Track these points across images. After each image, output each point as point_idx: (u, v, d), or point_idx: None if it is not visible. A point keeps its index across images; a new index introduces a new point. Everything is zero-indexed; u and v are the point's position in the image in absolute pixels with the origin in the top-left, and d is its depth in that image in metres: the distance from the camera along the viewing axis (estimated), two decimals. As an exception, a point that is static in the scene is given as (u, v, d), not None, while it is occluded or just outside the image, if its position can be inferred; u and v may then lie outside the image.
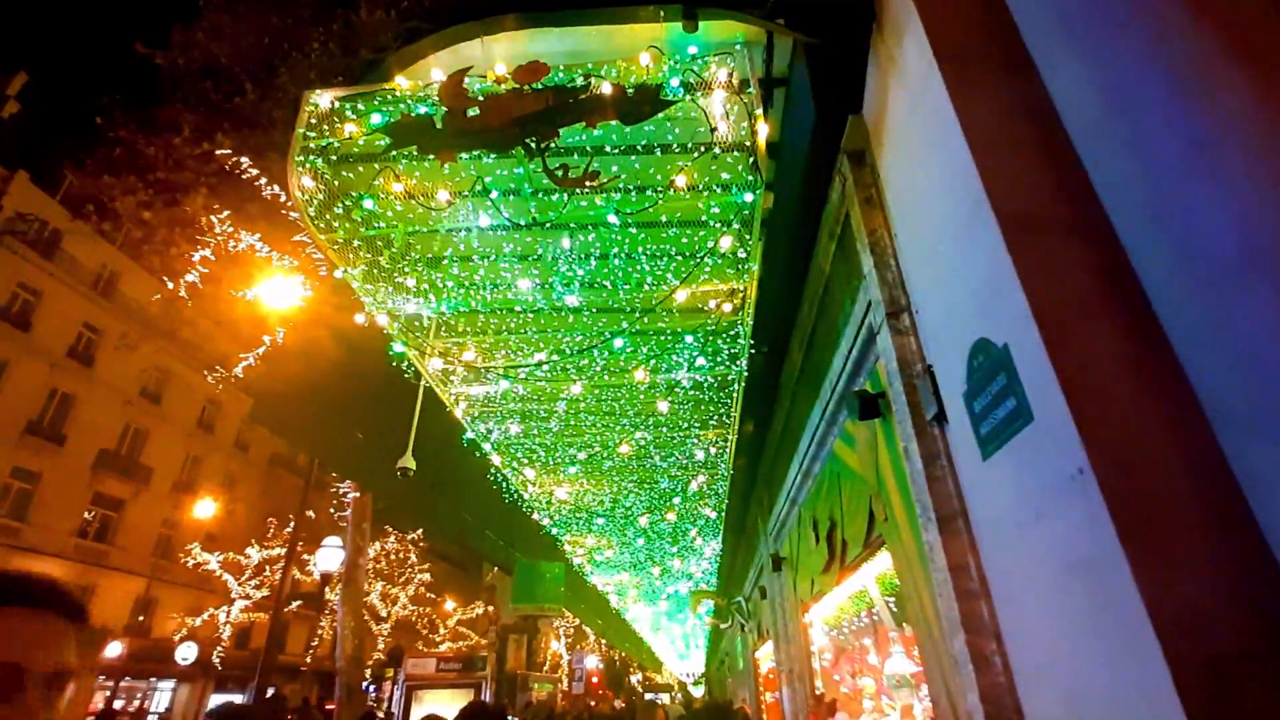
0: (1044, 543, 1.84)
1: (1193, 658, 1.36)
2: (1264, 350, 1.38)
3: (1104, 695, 1.60)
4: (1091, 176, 1.88)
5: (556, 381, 4.78)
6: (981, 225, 2.02)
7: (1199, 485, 1.51)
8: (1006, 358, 1.93)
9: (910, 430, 2.68)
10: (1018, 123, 2.12)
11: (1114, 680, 1.55)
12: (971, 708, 2.24)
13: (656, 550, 10.43)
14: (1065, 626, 1.77)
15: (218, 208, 9.59)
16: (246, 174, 8.50)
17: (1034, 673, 2.00)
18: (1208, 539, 1.47)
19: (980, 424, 2.12)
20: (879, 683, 5.78)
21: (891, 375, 2.88)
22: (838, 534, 4.54)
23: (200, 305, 12.43)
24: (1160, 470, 1.54)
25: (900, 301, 2.90)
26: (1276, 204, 1.39)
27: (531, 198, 3.16)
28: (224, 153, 8.75)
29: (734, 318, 4.19)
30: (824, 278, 4.25)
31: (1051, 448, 1.74)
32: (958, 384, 2.28)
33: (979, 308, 2.12)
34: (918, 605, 3.00)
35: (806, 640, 6.78)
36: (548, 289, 3.84)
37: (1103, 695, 1.61)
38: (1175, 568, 1.44)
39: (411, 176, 3.14)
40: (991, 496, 2.16)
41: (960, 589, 2.34)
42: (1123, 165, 1.76)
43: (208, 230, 9.67)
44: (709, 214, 3.34)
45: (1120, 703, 1.54)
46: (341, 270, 3.43)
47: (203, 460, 26.63)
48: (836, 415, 4.18)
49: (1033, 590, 1.96)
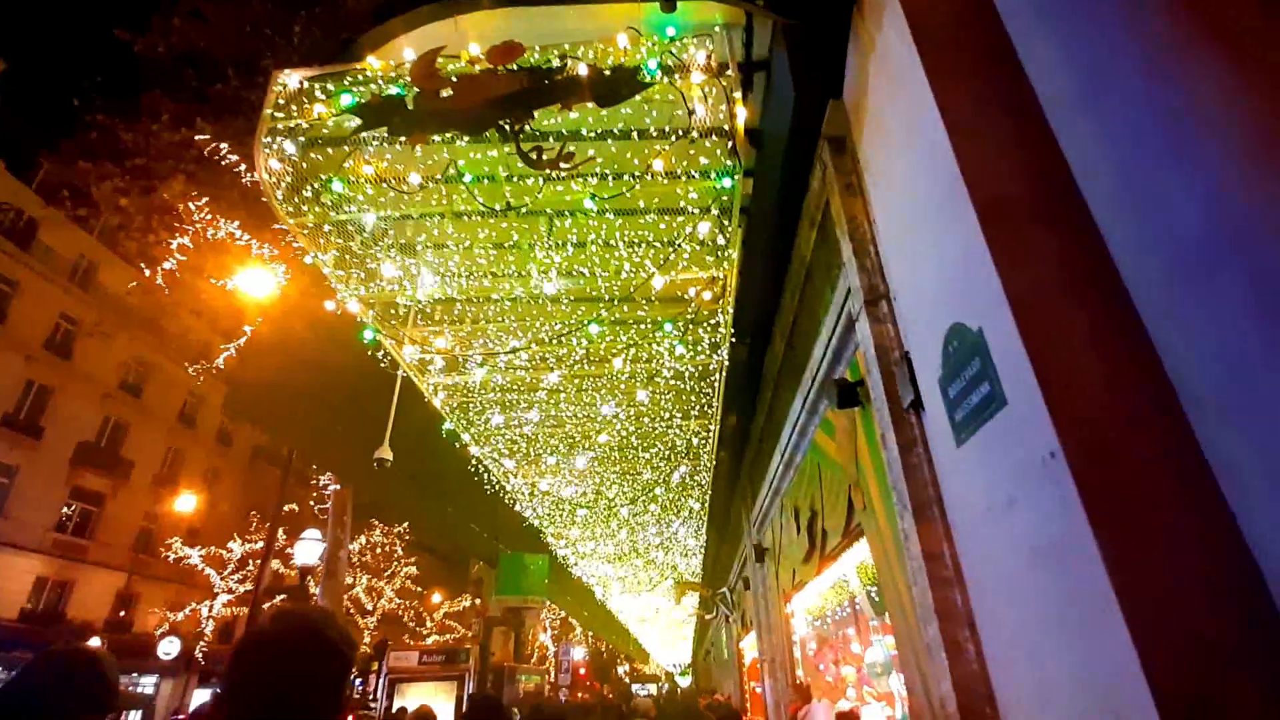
0: (1016, 528, 1.82)
1: (1162, 644, 1.34)
2: (1236, 336, 1.36)
3: (1074, 681, 1.59)
4: (1069, 161, 1.85)
5: (536, 370, 4.72)
6: (958, 210, 1.99)
7: (1171, 471, 1.49)
8: (981, 342, 1.90)
9: (887, 418, 2.66)
10: (997, 107, 2.09)
11: (1084, 666, 1.54)
12: (944, 694, 2.23)
13: (641, 542, 10.43)
14: (1036, 612, 1.76)
15: (196, 195, 9.40)
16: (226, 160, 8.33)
17: (1006, 659, 1.99)
18: (1179, 525, 1.45)
19: (955, 410, 2.10)
20: (860, 671, 5.82)
21: (870, 363, 2.86)
22: (818, 523, 4.53)
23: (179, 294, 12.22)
24: (1132, 455, 1.52)
25: (879, 289, 2.87)
26: (1248, 188, 1.37)
27: (506, 182, 3.10)
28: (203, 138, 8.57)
29: (714, 306, 4.16)
30: (805, 266, 4.22)
31: (1024, 432, 1.72)
32: (934, 370, 2.26)
33: (955, 293, 2.10)
34: (894, 593, 2.99)
35: (788, 630, 6.80)
36: (525, 277, 3.78)
37: (1073, 681, 1.59)
38: (1145, 553, 1.42)
39: (382, 160, 3.07)
40: (965, 483, 2.15)
41: (934, 577, 2.33)
42: (1097, 150, 1.74)
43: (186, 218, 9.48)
44: (687, 200, 3.29)
45: (1090, 689, 1.52)
46: (312, 255, 3.35)
47: (184, 454, 26.28)
48: (817, 404, 4.16)
49: (1005, 577, 1.95)
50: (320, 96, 3.12)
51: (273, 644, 1.13)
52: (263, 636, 1.16)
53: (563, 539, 9.74)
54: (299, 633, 1.14)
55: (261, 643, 1.15)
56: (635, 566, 12.27)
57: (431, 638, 25.63)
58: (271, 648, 1.13)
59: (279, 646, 1.13)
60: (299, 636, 1.14)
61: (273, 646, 1.13)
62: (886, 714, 5.23)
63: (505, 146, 2.89)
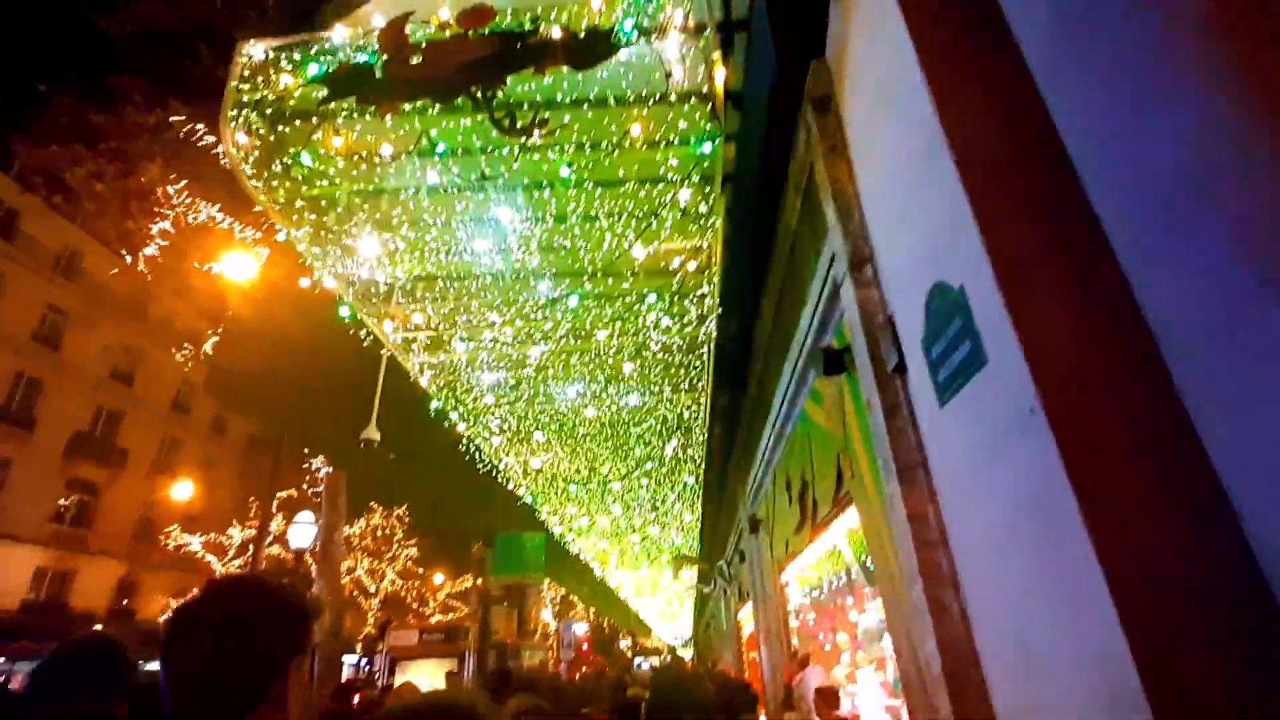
0: (998, 486, 1.80)
1: (1141, 599, 1.33)
2: (1217, 279, 1.33)
3: (1053, 638, 1.58)
4: (1053, 116, 1.80)
5: (521, 346, 4.67)
6: (939, 167, 1.94)
7: (1153, 422, 1.46)
8: (962, 300, 1.87)
9: (872, 382, 2.64)
10: (979, 62, 2.02)
11: (1063, 623, 1.53)
12: (929, 655, 2.23)
13: (637, 518, 10.48)
14: (1018, 570, 1.75)
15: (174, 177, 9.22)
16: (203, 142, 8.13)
17: (990, 618, 1.99)
18: (1161, 477, 1.43)
19: (938, 370, 2.08)
20: (854, 638, 5.88)
21: (855, 328, 2.82)
22: (809, 493, 4.54)
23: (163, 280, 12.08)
24: (1112, 408, 1.50)
25: (863, 253, 2.82)
26: (1223, 123, 1.32)
27: (480, 152, 3.02)
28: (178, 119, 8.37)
29: (700, 277, 4.10)
30: (791, 234, 4.16)
31: (1005, 389, 1.69)
32: (917, 332, 2.23)
33: (936, 251, 2.06)
34: (882, 558, 2.99)
35: (783, 600, 6.86)
36: (505, 252, 3.71)
37: (1052, 638, 1.59)
38: (1125, 507, 1.40)
39: (352, 131, 2.98)
40: (949, 443, 2.13)
41: (919, 538, 2.32)
42: (1079, 99, 1.68)
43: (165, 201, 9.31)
44: (668, 167, 3.22)
45: (1069, 646, 1.51)
46: (285, 232, 3.28)
47: (180, 442, 26.22)
48: (805, 374, 4.13)
49: (988, 535, 1.93)
50: (286, 67, 3.02)
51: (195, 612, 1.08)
52: (186, 606, 1.11)
53: (559, 516, 9.78)
54: (223, 597, 1.10)
55: (184, 611, 1.09)
56: (633, 542, 12.36)
57: (435, 617, 25.90)
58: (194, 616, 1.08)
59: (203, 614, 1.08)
60: (223, 601, 1.10)
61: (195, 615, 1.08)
62: (880, 678, 5.30)
63: (478, 115, 2.80)
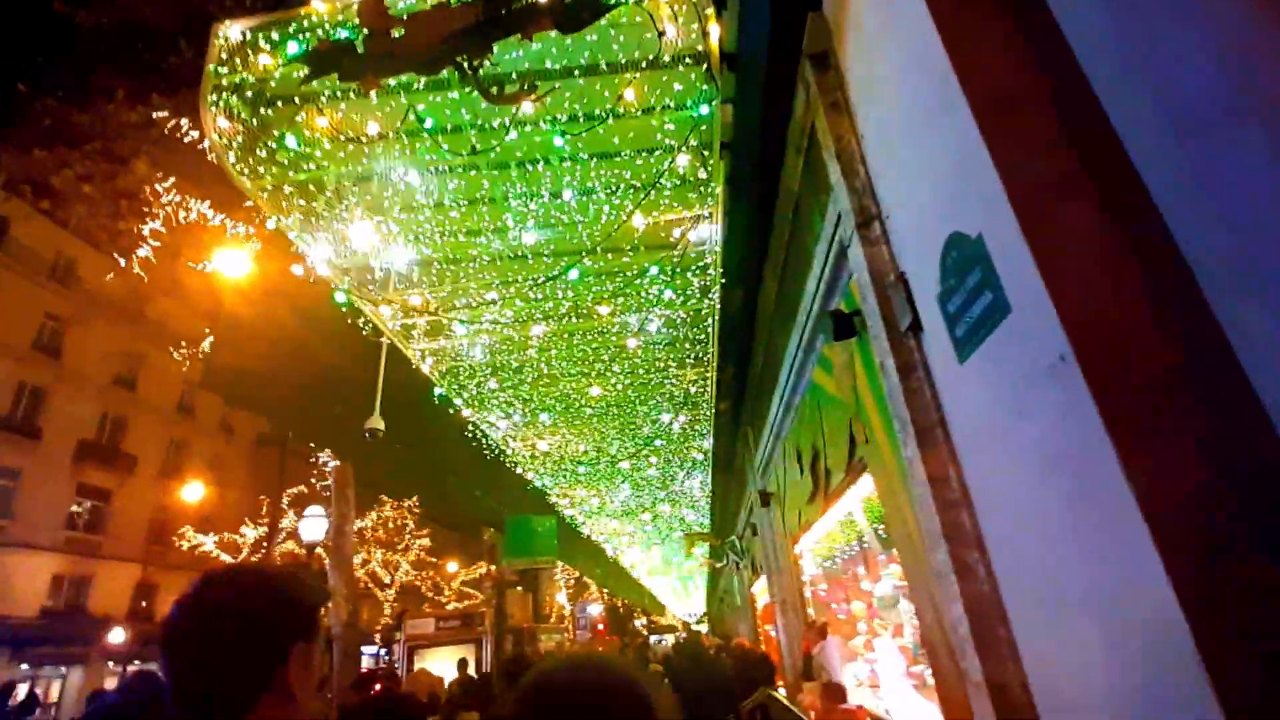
0: (1024, 441, 1.73)
1: (1186, 544, 1.26)
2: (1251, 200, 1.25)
3: (1090, 591, 1.52)
4: (1068, 36, 1.70)
5: (523, 325, 4.59)
6: (951, 110, 1.85)
7: (1191, 360, 1.39)
8: (981, 249, 1.78)
9: (885, 344, 2.56)
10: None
11: (1101, 576, 1.47)
12: (956, 618, 2.18)
13: (647, 496, 10.47)
14: (1049, 525, 1.69)
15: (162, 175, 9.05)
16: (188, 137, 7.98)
17: (1018, 577, 1.94)
18: (1203, 421, 1.36)
19: (956, 325, 2.00)
20: (870, 606, 5.87)
21: (864, 289, 2.74)
22: (821, 462, 4.49)
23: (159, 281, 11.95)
24: (1147, 348, 1.42)
25: (870, 210, 2.73)
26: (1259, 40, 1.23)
27: (470, 126, 2.92)
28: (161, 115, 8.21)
29: (701, 247, 4.01)
30: (793, 199, 4.06)
31: (1031, 338, 1.62)
32: (931, 287, 2.15)
33: (951, 200, 1.97)
34: (900, 524, 2.94)
35: (797, 571, 6.85)
36: (502, 230, 3.62)
37: (1089, 591, 1.53)
38: (1165, 450, 1.33)
39: (336, 111, 2.88)
40: (970, 401, 2.06)
41: (941, 500, 2.26)
42: (1096, 12, 1.58)
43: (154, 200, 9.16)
44: (664, 133, 3.11)
45: (1108, 598, 1.46)
46: (275, 220, 3.19)
47: (187, 444, 26.30)
48: (813, 341, 4.06)
49: (1014, 492, 1.87)
50: (265, 47, 2.92)
51: (189, 606, 1.03)
52: (181, 600, 1.05)
53: (569, 498, 9.77)
54: (217, 588, 1.05)
55: (180, 605, 1.04)
56: (643, 521, 12.37)
57: (451, 605, 26.13)
58: (188, 610, 1.02)
59: (197, 606, 1.03)
60: (217, 592, 1.04)
61: (189, 608, 1.03)
62: (897, 644, 5.29)
63: (466, 86, 2.70)
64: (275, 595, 1.08)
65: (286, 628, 1.05)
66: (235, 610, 1.02)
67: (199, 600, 1.03)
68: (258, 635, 1.02)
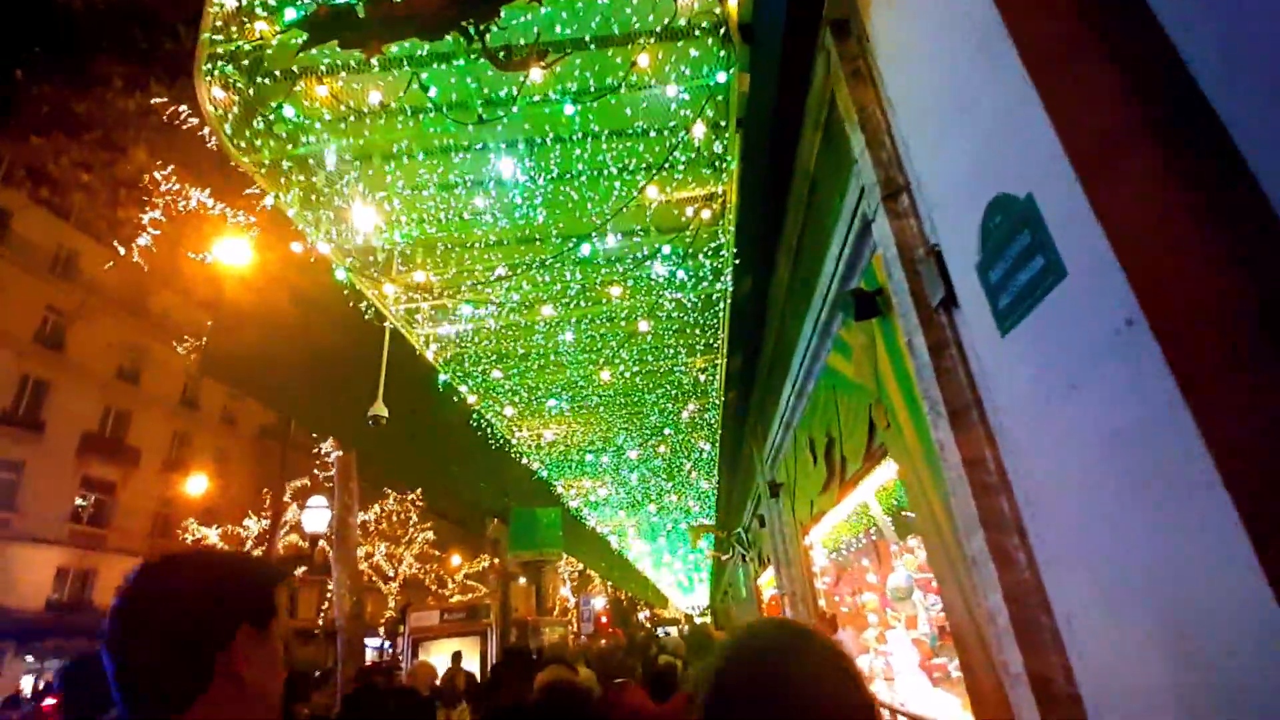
0: (1078, 416, 1.61)
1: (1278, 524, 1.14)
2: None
3: (1157, 577, 1.40)
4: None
5: (531, 310, 4.46)
6: (996, 61, 1.72)
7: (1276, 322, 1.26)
8: (1031, 210, 1.65)
9: (914, 321, 2.43)
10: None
11: (1172, 559, 1.35)
12: (994, 608, 2.06)
13: (653, 488, 10.37)
14: (1105, 507, 1.56)
15: (161, 162, 8.91)
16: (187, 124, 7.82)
17: (1064, 563, 1.81)
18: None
19: (998, 296, 1.87)
20: (882, 597, 5.76)
21: (891, 264, 2.61)
22: (836, 450, 4.36)
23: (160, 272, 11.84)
24: (1227, 309, 1.29)
25: (897, 181, 2.60)
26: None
27: (477, 95, 2.79)
28: (160, 101, 8.04)
29: (714, 227, 3.87)
30: (810, 177, 3.92)
31: (1089, 304, 1.49)
32: (969, 257, 2.02)
33: (994, 160, 1.84)
34: (927, 512, 2.82)
35: (807, 562, 6.74)
36: (509, 208, 3.50)
37: (1155, 577, 1.40)
38: (1252, 419, 1.21)
39: (336, 80, 2.75)
40: (1012, 377, 1.93)
41: (977, 484, 2.14)
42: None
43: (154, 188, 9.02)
44: (678, 102, 2.97)
45: (1180, 584, 1.33)
46: (273, 197, 3.07)
47: (191, 437, 26.30)
48: (829, 325, 3.93)
49: (1063, 473, 1.74)
50: (261, 13, 2.78)
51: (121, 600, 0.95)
52: (116, 594, 0.97)
53: (574, 489, 9.68)
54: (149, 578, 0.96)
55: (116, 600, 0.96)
56: (648, 513, 12.28)
57: (455, 598, 26.13)
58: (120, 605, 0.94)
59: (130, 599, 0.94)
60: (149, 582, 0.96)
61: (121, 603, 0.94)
62: (911, 636, 5.18)
63: (472, 54, 2.57)
64: (213, 577, 1.01)
65: (227, 609, 0.98)
66: (167, 597, 0.97)
67: (131, 593, 0.96)
68: (193, 621, 0.95)
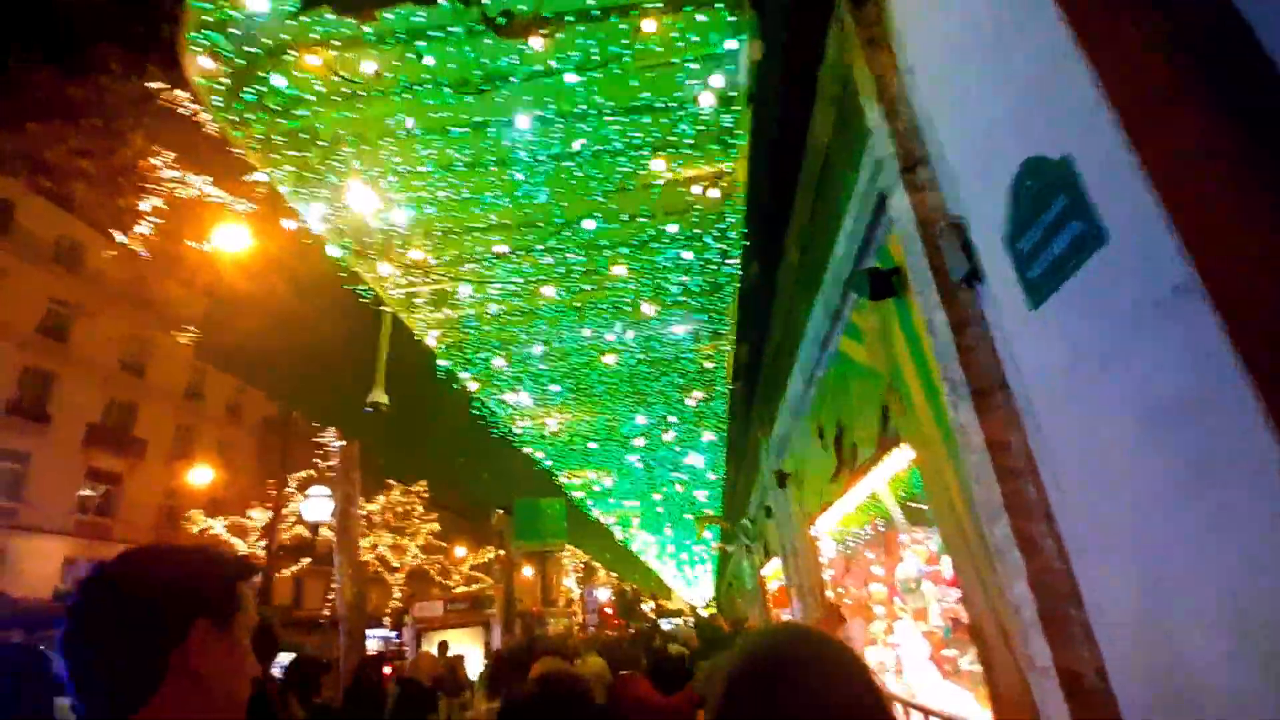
0: (1117, 393, 1.50)
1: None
2: None
3: (1208, 566, 1.29)
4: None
5: (532, 296, 4.35)
6: (1030, 16, 1.60)
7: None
8: (1068, 172, 1.54)
9: (935, 298, 2.32)
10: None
11: (1227, 546, 1.24)
12: (1019, 598, 1.96)
13: (657, 478, 10.28)
14: (1148, 489, 1.45)
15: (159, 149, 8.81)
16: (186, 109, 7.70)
17: (1098, 551, 1.71)
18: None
19: (1029, 266, 1.75)
20: (890, 589, 5.66)
21: (909, 240, 2.50)
22: (846, 438, 4.26)
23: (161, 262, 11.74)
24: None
25: (916, 153, 2.48)
26: None
27: (475, 66, 2.67)
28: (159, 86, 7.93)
29: (722, 207, 3.75)
30: (821, 156, 3.79)
31: (1132, 271, 1.38)
32: (996, 228, 1.90)
33: (1026, 121, 1.72)
34: (944, 499, 2.71)
35: (815, 552, 6.65)
36: (510, 185, 3.38)
37: (1206, 566, 1.30)
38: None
39: (329, 49, 2.64)
40: (1043, 352, 1.81)
41: (1001, 468, 2.03)
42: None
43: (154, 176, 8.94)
44: (686, 72, 2.85)
45: (1236, 573, 1.22)
46: (266, 173, 2.96)
47: (195, 429, 26.32)
48: (841, 308, 3.81)
49: (1099, 454, 1.63)
50: (252, -21, 2.67)
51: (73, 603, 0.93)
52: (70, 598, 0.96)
53: (578, 478, 9.60)
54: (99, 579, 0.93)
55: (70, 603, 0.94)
56: (653, 503, 12.21)
57: (459, 589, 26.19)
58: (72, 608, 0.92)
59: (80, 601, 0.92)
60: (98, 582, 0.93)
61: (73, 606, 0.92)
62: (921, 628, 5.08)
63: (469, 20, 2.45)
64: (169, 571, 0.98)
65: (181, 604, 0.94)
66: (120, 591, 0.93)
67: (85, 588, 0.94)
68: (146, 615, 0.92)
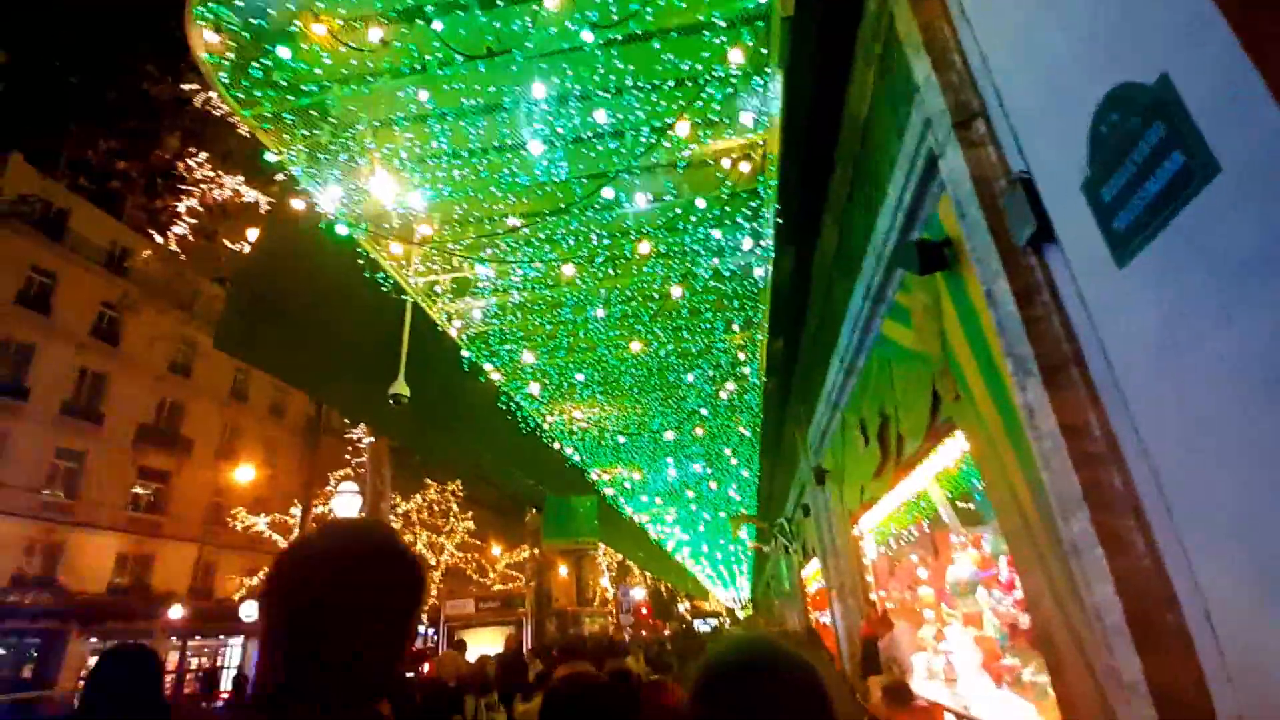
0: (1227, 360, 1.25)
1: None
2: None
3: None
4: None
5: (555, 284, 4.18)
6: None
7: None
8: (1165, 96, 1.29)
9: (995, 266, 2.07)
10: None
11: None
12: (1102, 601, 1.70)
13: (690, 475, 10.06)
14: (1265, 474, 1.21)
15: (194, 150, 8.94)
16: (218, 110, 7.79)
17: (1201, 546, 1.45)
18: None
19: (1114, 216, 1.50)
20: (939, 592, 5.35)
21: (964, 203, 2.25)
22: (891, 429, 3.98)
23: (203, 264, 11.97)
24: None
25: (971, 105, 2.23)
26: None
27: (487, 29, 2.51)
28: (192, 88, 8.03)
29: (753, 184, 3.52)
30: (860, 125, 3.54)
31: (1251, 208, 1.14)
32: (1073, 177, 1.65)
33: (1109, 44, 1.47)
34: (1006, 492, 2.45)
35: (857, 553, 6.36)
36: (527, 163, 3.22)
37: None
38: None
39: (335, 16, 2.51)
40: (1131, 317, 1.56)
41: (1078, 455, 1.77)
42: None
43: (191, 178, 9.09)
44: (712, 29, 2.63)
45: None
46: (276, 154, 2.86)
47: (241, 429, 27.04)
48: (884, 289, 3.55)
49: (1201, 435, 1.38)
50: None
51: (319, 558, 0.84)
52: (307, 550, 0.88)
53: (609, 474, 9.44)
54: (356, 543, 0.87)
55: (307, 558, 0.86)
56: (687, 501, 11.98)
57: (495, 587, 26.34)
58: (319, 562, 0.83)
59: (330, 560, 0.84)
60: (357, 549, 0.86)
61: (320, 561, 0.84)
62: (974, 634, 4.75)
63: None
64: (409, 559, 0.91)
65: (415, 597, 0.89)
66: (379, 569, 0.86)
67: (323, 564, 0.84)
68: (398, 601, 0.86)
